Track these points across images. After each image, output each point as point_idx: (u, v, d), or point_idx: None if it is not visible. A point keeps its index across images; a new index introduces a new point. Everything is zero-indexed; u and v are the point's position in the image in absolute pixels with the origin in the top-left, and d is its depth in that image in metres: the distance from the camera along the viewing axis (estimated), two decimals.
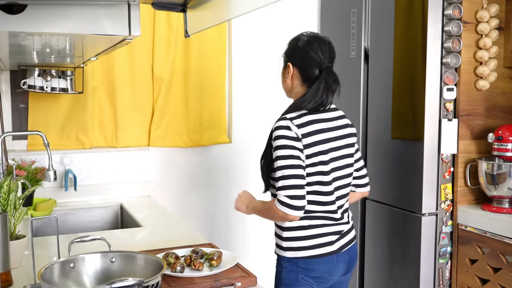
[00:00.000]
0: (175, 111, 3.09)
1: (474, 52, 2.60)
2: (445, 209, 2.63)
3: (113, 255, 1.49)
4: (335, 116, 1.90)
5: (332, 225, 1.87)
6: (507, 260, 2.38)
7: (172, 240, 2.11)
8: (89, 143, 2.96)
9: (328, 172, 1.82)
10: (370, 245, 2.96)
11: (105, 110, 2.98)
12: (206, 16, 1.39)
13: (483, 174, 2.55)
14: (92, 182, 2.92)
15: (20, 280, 1.63)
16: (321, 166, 1.81)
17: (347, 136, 1.91)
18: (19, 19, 1.21)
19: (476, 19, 2.59)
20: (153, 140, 3.07)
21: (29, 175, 2.57)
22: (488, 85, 2.62)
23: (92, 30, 1.29)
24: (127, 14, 1.30)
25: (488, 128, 2.65)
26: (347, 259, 1.91)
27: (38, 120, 2.86)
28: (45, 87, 2.64)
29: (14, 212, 1.73)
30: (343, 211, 1.91)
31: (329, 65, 1.84)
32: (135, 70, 3.02)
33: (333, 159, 1.84)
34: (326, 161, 1.81)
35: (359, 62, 3.00)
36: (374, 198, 2.93)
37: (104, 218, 2.83)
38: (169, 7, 1.42)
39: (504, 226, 2.40)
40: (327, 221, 1.85)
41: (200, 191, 3.22)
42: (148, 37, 3.01)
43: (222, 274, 1.65)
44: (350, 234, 1.94)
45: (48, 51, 1.93)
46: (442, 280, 2.65)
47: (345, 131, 1.91)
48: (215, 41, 3.17)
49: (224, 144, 3.25)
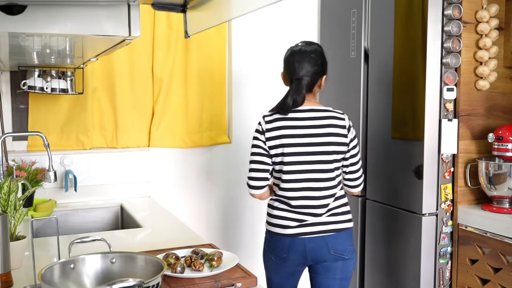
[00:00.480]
0: (175, 112, 3.09)
1: (474, 52, 2.60)
2: (445, 209, 2.63)
3: (114, 255, 1.49)
4: (306, 116, 2.13)
5: (290, 212, 2.14)
6: (508, 260, 2.38)
7: (172, 241, 2.11)
8: (89, 144, 2.96)
9: (287, 163, 2.11)
10: (370, 245, 2.96)
11: (105, 110, 2.98)
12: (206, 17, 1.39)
13: (483, 174, 2.55)
14: (92, 182, 2.92)
15: (21, 281, 1.63)
16: (282, 157, 2.12)
17: (320, 136, 2.11)
18: (19, 20, 1.20)
19: (476, 19, 2.59)
20: (153, 140, 3.07)
21: (29, 176, 2.56)
22: (488, 85, 2.62)
23: (92, 31, 1.29)
24: (127, 14, 1.30)
25: (488, 128, 2.65)
26: (307, 247, 2.12)
27: (38, 121, 2.86)
28: (45, 88, 2.64)
29: (14, 213, 1.73)
30: (308, 206, 2.11)
31: (300, 77, 2.13)
32: (135, 70, 3.01)
33: (296, 154, 2.11)
34: (287, 154, 2.11)
35: (359, 62, 3.00)
36: (374, 198, 2.93)
37: (104, 218, 2.83)
38: (169, 8, 1.42)
39: (504, 226, 2.40)
40: (285, 206, 2.14)
41: (201, 191, 3.22)
42: (148, 38, 3.01)
43: (222, 274, 1.65)
44: (317, 227, 2.12)
45: (48, 52, 1.93)
46: (443, 280, 2.65)
47: (317, 131, 2.12)
48: (215, 41, 3.17)
49: (224, 145, 3.25)
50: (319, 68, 2.16)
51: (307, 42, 2.22)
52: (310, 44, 2.20)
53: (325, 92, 3.33)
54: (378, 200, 2.90)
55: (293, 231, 2.12)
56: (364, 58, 2.98)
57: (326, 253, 2.12)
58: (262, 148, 2.15)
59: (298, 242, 2.12)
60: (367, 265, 2.99)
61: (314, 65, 2.14)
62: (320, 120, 2.13)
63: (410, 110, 2.68)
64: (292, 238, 2.13)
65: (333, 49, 3.23)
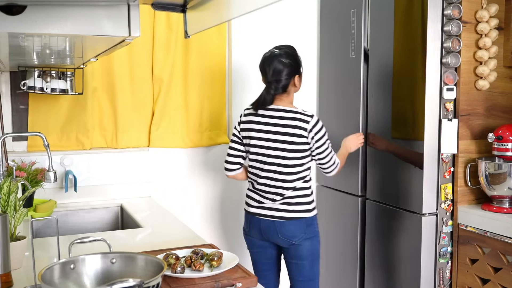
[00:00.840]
0: (175, 112, 3.09)
1: (474, 52, 2.60)
2: (445, 209, 2.63)
3: (114, 256, 1.49)
4: (273, 115, 2.41)
5: (254, 193, 2.48)
6: (508, 260, 2.38)
7: (173, 241, 2.11)
8: (89, 144, 2.95)
9: (252, 153, 2.46)
10: (370, 245, 2.96)
11: (105, 111, 2.98)
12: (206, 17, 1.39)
13: (483, 174, 2.55)
14: (92, 183, 2.92)
15: (21, 281, 1.63)
16: (248, 147, 2.48)
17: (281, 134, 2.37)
18: (19, 20, 1.20)
19: (475, 19, 2.59)
20: (153, 140, 3.07)
21: (29, 176, 2.56)
22: (488, 85, 2.62)
23: (92, 31, 1.29)
24: (126, 14, 1.29)
25: (488, 128, 2.65)
26: (261, 227, 2.45)
27: (38, 121, 2.86)
28: (45, 88, 2.64)
29: (14, 213, 1.73)
30: (268, 191, 2.42)
31: (271, 80, 2.39)
32: (135, 70, 3.01)
33: (259, 146, 2.42)
34: (252, 145, 2.44)
35: (359, 62, 3.00)
36: (374, 198, 2.93)
37: (104, 219, 2.83)
38: (168, 8, 1.42)
39: (504, 226, 2.40)
40: (251, 186, 2.50)
41: (201, 191, 3.22)
42: (148, 38, 3.01)
43: (222, 274, 1.65)
44: (270, 211, 2.42)
45: (48, 52, 1.92)
46: (443, 280, 2.65)
47: (280, 129, 2.38)
48: (215, 41, 3.17)
49: (224, 145, 3.25)
50: (289, 69, 2.38)
51: (277, 46, 2.46)
52: (280, 48, 2.43)
53: (325, 92, 3.34)
54: (378, 200, 2.90)
55: (253, 210, 2.48)
56: (364, 58, 2.98)
57: (276, 236, 2.42)
58: (237, 137, 2.52)
59: (255, 220, 2.48)
60: (367, 264, 2.99)
61: (283, 67, 2.37)
62: (284, 120, 2.38)
63: (410, 110, 2.67)
64: (251, 215, 2.49)
65: (333, 49, 3.23)
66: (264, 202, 2.44)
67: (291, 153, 2.37)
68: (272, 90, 2.39)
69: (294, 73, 2.40)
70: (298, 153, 2.38)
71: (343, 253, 3.18)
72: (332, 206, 3.28)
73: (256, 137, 2.43)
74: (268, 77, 2.40)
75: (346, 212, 3.13)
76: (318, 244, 2.49)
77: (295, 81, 2.42)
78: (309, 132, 2.36)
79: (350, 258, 3.11)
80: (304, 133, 2.36)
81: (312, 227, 2.44)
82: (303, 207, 2.41)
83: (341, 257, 3.20)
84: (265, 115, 2.43)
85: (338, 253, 3.22)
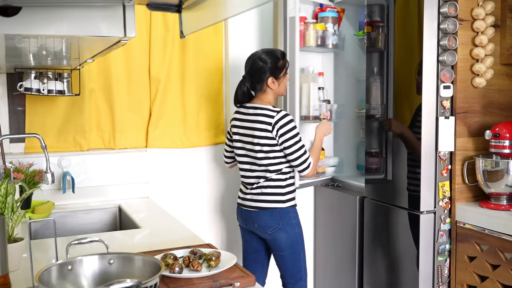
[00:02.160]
0: (172, 112, 3.09)
1: (470, 49, 2.61)
2: (443, 206, 2.63)
3: (111, 256, 1.48)
4: (247, 112, 2.60)
5: (242, 185, 2.68)
6: (506, 257, 2.38)
7: (171, 241, 2.11)
8: (87, 145, 2.95)
9: (234, 147, 2.67)
10: (368, 243, 2.96)
11: (103, 112, 2.98)
12: (201, 16, 1.39)
13: (481, 171, 2.56)
14: (90, 184, 2.91)
15: (19, 283, 1.63)
16: (233, 143, 2.68)
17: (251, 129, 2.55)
18: (14, 21, 1.20)
19: (472, 16, 2.59)
20: (151, 141, 3.07)
21: (26, 178, 2.56)
22: (485, 82, 2.62)
23: (87, 31, 1.29)
24: (122, 15, 1.29)
25: (485, 125, 2.65)
26: (243, 217, 2.66)
27: (36, 123, 2.85)
28: (42, 89, 2.64)
29: (12, 215, 1.73)
30: (247, 183, 2.62)
31: (246, 76, 2.60)
32: (132, 71, 3.01)
33: (238, 141, 2.63)
34: (234, 140, 2.66)
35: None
36: (372, 197, 2.93)
37: (102, 220, 2.83)
38: (164, 8, 1.42)
39: (502, 223, 2.40)
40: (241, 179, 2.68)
41: (198, 191, 3.22)
42: (145, 38, 3.00)
43: (220, 274, 1.65)
44: (248, 202, 2.62)
45: (44, 54, 1.92)
46: (441, 277, 2.65)
47: (250, 125, 2.56)
48: (212, 41, 3.17)
49: (222, 144, 3.25)
50: (262, 70, 2.55)
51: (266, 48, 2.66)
52: (265, 51, 2.60)
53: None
54: (376, 198, 2.90)
55: (238, 200, 2.70)
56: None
57: (253, 225, 2.61)
58: (228, 133, 2.76)
59: (239, 210, 2.70)
60: (366, 263, 2.99)
61: (257, 66, 2.56)
62: (254, 116, 2.56)
63: (407, 108, 2.68)
64: (237, 206, 2.71)
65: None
66: (245, 193, 2.63)
67: (258, 147, 2.53)
68: (243, 85, 2.60)
69: (270, 75, 2.56)
70: (265, 147, 2.52)
71: (341, 251, 3.18)
72: (330, 205, 3.28)
73: (236, 133, 2.65)
74: (246, 71, 2.61)
75: (344, 211, 3.14)
76: (298, 236, 2.60)
77: (269, 82, 2.56)
78: (273, 126, 2.49)
79: (348, 256, 3.11)
80: (269, 127, 2.50)
81: (286, 219, 2.57)
82: (276, 198, 2.56)
83: (339, 255, 3.20)
84: (242, 112, 2.63)
85: (337, 251, 3.23)
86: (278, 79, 2.58)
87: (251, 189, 2.60)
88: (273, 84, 2.57)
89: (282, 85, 2.61)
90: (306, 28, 3.07)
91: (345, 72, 3.39)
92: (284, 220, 2.56)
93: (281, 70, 2.59)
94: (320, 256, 3.39)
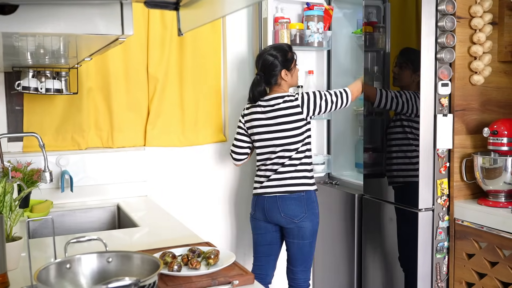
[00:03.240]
0: (170, 111, 3.09)
1: (468, 47, 2.61)
2: (441, 204, 2.63)
3: (110, 255, 1.48)
4: (270, 104, 2.67)
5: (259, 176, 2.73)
6: (504, 254, 2.39)
7: (169, 239, 2.11)
8: (85, 144, 2.95)
9: (256, 140, 2.74)
10: (367, 241, 2.97)
11: (101, 110, 2.98)
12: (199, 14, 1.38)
13: (479, 169, 2.56)
14: (88, 183, 2.91)
15: (17, 282, 1.62)
16: (253, 136, 2.76)
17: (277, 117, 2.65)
18: (11, 19, 1.20)
19: (469, 14, 2.59)
20: (149, 140, 3.06)
21: (25, 177, 2.56)
22: (483, 79, 2.62)
23: (85, 30, 1.28)
24: (119, 13, 1.29)
25: (483, 123, 2.65)
26: (266, 206, 2.67)
27: (34, 122, 2.85)
28: (40, 88, 2.63)
29: (10, 214, 1.72)
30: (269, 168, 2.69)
31: (259, 74, 2.70)
32: (130, 70, 3.01)
33: (258, 133, 2.71)
34: (254, 133, 2.73)
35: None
36: (370, 194, 2.93)
37: (101, 218, 2.82)
38: (161, 6, 1.41)
39: (500, 220, 2.40)
40: (258, 171, 2.75)
41: (197, 189, 3.22)
42: (143, 37, 3.00)
43: (219, 272, 1.65)
44: (270, 188, 2.66)
45: (42, 52, 1.92)
46: (440, 275, 2.65)
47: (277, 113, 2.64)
48: (210, 39, 3.17)
49: (220, 143, 3.25)
50: (274, 64, 2.65)
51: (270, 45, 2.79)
52: (273, 46, 2.73)
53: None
54: (374, 196, 2.91)
55: (259, 190, 2.71)
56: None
57: (278, 215, 2.64)
58: (242, 129, 2.80)
59: (260, 200, 2.71)
60: (364, 260, 2.99)
61: (268, 62, 2.66)
62: (278, 105, 2.64)
63: (405, 106, 2.68)
64: (258, 196, 2.72)
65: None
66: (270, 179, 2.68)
67: (285, 132, 2.64)
68: (260, 84, 2.68)
69: (282, 67, 2.67)
70: (293, 131, 2.63)
71: (340, 249, 3.18)
72: (328, 203, 3.28)
73: (258, 125, 2.70)
74: (258, 70, 2.72)
75: (342, 208, 3.14)
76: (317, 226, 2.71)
77: (283, 74, 2.67)
78: (301, 104, 2.63)
79: (347, 253, 3.11)
80: (298, 109, 2.62)
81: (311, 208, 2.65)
82: (303, 181, 2.65)
83: (338, 253, 3.20)
84: (262, 105, 2.69)
85: (335, 249, 3.23)
86: (290, 70, 2.70)
87: (276, 173, 2.66)
88: (286, 76, 2.68)
89: (294, 76, 2.73)
90: (282, 27, 3.06)
91: (341, 71, 3.38)
92: (310, 209, 2.64)
93: (291, 62, 2.70)
94: (319, 253, 3.39)
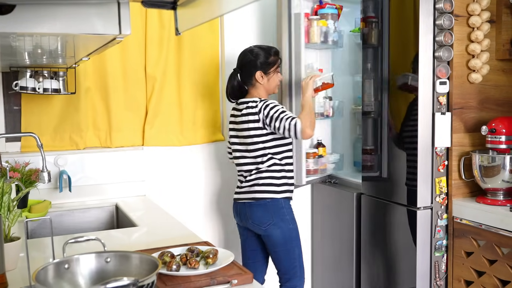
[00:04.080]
0: (168, 110, 3.08)
1: (466, 45, 2.61)
2: (440, 202, 2.63)
3: (108, 255, 1.48)
4: (239, 108, 2.64)
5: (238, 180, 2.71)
6: (503, 252, 2.39)
7: (168, 239, 2.11)
8: (83, 144, 2.94)
9: (232, 142, 2.73)
10: (366, 239, 2.97)
11: (99, 110, 2.97)
12: (197, 13, 1.38)
13: (477, 167, 2.56)
14: (86, 182, 2.91)
15: (16, 282, 1.62)
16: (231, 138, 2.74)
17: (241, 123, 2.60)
18: (8, 19, 1.19)
19: (467, 12, 2.59)
20: (147, 139, 3.06)
21: (23, 177, 2.55)
22: (481, 78, 2.62)
23: (82, 29, 1.28)
24: (116, 12, 1.29)
25: (481, 121, 2.66)
26: (238, 211, 2.68)
27: (31, 122, 2.84)
28: (37, 88, 2.62)
29: (8, 214, 1.72)
30: (241, 174, 2.68)
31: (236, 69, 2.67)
32: (128, 69, 3.00)
33: (232, 136, 2.71)
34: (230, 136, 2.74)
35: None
36: (369, 193, 2.93)
37: (99, 218, 2.82)
38: (158, 5, 1.41)
39: (499, 218, 2.41)
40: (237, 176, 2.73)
41: (195, 189, 3.22)
42: (140, 36, 2.99)
43: (218, 272, 1.65)
44: (243, 195, 2.64)
45: (39, 52, 1.91)
46: (438, 273, 2.66)
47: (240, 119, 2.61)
48: (208, 38, 3.16)
49: (218, 142, 3.25)
50: (252, 63, 2.59)
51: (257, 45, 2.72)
52: (259, 46, 2.66)
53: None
54: (373, 194, 2.91)
55: (234, 196, 2.71)
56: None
57: (247, 221, 2.62)
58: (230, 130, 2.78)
59: (234, 206, 2.72)
60: (363, 259, 3.00)
61: (246, 60, 2.61)
62: (244, 110, 2.59)
63: (403, 104, 2.68)
64: (234, 201, 2.72)
65: None
66: (241, 187, 2.66)
67: (249, 139, 2.58)
68: (233, 79, 2.66)
69: (259, 69, 2.59)
70: (255, 137, 2.57)
71: (339, 248, 3.18)
72: (327, 202, 3.28)
73: (232, 129, 2.72)
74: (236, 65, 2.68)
75: (341, 207, 3.14)
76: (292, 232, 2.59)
77: (257, 76, 2.60)
78: (258, 112, 2.54)
79: (346, 252, 3.11)
80: (255, 116, 2.55)
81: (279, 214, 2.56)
82: (269, 188, 2.58)
83: (337, 252, 3.20)
84: (236, 108, 2.69)
85: (335, 248, 3.23)
86: (268, 74, 2.61)
87: (246, 181, 2.62)
88: (261, 79, 2.60)
89: (272, 81, 2.62)
90: (310, 24, 3.03)
91: (342, 69, 3.39)
92: (278, 215, 2.56)
93: (271, 66, 2.61)
94: (318, 252, 3.40)
